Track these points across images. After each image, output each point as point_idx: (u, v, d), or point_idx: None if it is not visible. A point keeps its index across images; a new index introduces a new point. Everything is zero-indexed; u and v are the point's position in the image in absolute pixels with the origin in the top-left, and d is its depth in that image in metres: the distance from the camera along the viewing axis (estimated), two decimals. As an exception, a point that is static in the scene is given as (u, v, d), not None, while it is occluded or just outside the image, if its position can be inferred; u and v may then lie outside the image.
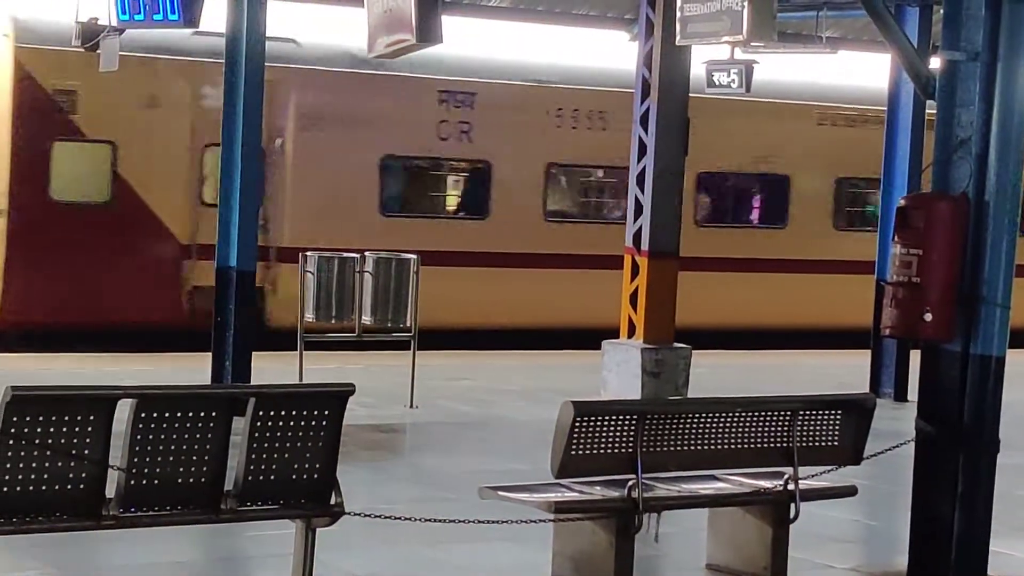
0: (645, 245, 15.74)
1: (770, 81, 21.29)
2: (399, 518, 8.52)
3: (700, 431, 8.79)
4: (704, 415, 8.84)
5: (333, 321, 15.31)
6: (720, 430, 8.86)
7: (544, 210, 22.64)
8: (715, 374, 17.64)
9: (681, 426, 8.72)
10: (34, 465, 6.91)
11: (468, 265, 21.80)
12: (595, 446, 8.40)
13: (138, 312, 20.02)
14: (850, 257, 23.01)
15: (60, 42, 17.16)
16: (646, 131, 15.79)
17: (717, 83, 18.87)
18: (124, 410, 7.11)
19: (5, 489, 6.88)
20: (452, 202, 22.92)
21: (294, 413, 7.51)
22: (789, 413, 9.03)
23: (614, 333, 15.95)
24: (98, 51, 15.07)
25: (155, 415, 7.17)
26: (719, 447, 8.88)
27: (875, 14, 12.61)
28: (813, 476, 9.23)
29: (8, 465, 6.87)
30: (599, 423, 8.40)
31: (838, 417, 9.21)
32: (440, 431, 14.58)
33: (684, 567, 9.57)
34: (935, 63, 9.41)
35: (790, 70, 22.66)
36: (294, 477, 7.54)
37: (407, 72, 20.47)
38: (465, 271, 21.62)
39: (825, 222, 24.70)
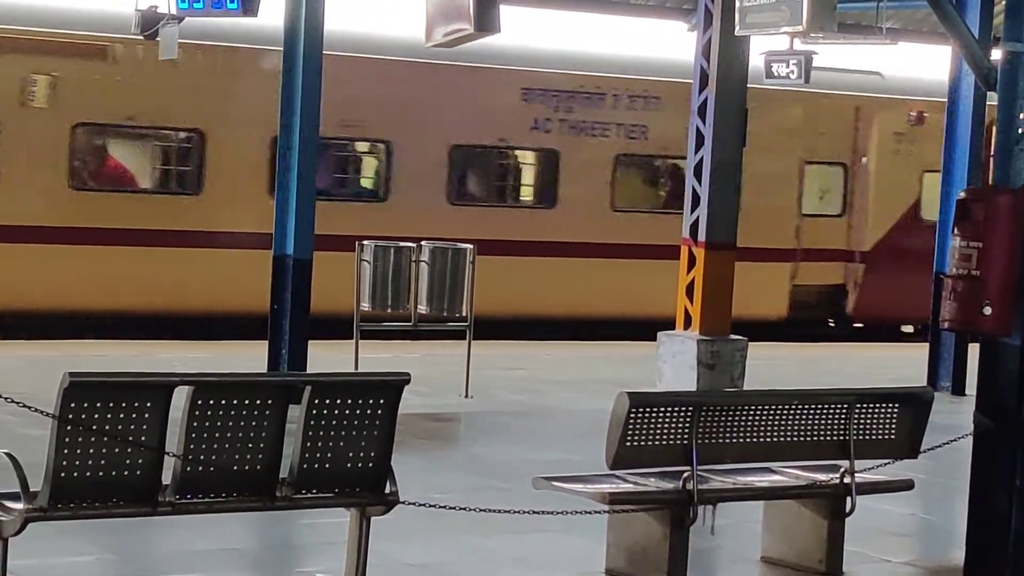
0: (702, 236, 15.70)
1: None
2: (453, 507, 8.53)
3: (756, 423, 8.76)
4: (760, 407, 8.81)
5: (389, 310, 15.34)
6: (776, 422, 8.83)
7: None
8: (771, 366, 17.58)
9: (737, 418, 8.69)
10: (91, 451, 6.94)
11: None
12: (650, 437, 8.38)
13: None
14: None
15: None
16: (704, 122, 15.75)
17: (776, 74, 18.80)
18: (180, 397, 7.14)
19: (63, 475, 6.92)
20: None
21: (349, 402, 7.52)
22: (846, 406, 9.00)
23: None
24: (157, 39, 15.14)
25: (211, 402, 7.19)
26: (775, 439, 8.85)
27: (936, 4, 12.53)
28: (870, 469, 9.19)
29: (66, 451, 6.91)
30: (655, 414, 8.38)
31: (895, 410, 9.17)
32: (495, 421, 14.59)
33: (739, 559, 9.55)
34: (996, 54, 9.33)
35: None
36: (349, 465, 7.56)
37: None
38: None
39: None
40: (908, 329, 25.28)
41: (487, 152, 22.27)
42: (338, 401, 7.50)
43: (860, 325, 24.95)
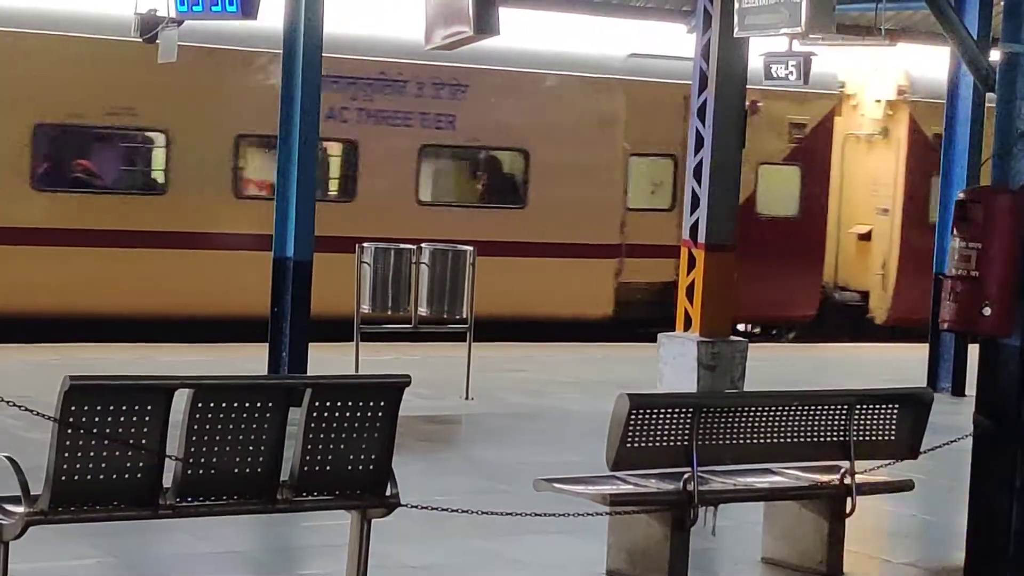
0: (702, 238, 15.71)
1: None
2: (454, 510, 8.54)
3: (756, 424, 8.77)
4: (760, 408, 8.82)
5: (389, 312, 15.35)
6: (776, 423, 8.83)
7: None
8: (772, 367, 17.59)
9: (737, 419, 8.70)
10: (92, 454, 6.95)
11: None
12: (651, 439, 8.39)
13: None
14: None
15: None
16: (703, 123, 15.76)
17: (775, 75, 18.80)
18: (181, 400, 7.15)
19: (63, 478, 6.93)
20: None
21: (350, 404, 7.53)
22: (846, 407, 9.00)
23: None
24: (157, 42, 15.13)
25: (212, 405, 7.20)
26: (775, 440, 8.86)
27: (935, 6, 12.56)
28: (870, 470, 9.20)
29: (67, 454, 6.91)
30: (655, 416, 8.39)
31: (895, 411, 9.18)
32: (495, 423, 14.59)
33: (739, 560, 9.55)
34: (995, 55, 9.34)
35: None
36: (350, 468, 7.56)
37: None
38: None
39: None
40: (746, 329, 24.04)
41: (275, 142, 21.19)
42: (339, 403, 7.50)
43: None
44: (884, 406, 9.16)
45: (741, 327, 23.94)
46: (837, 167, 24.77)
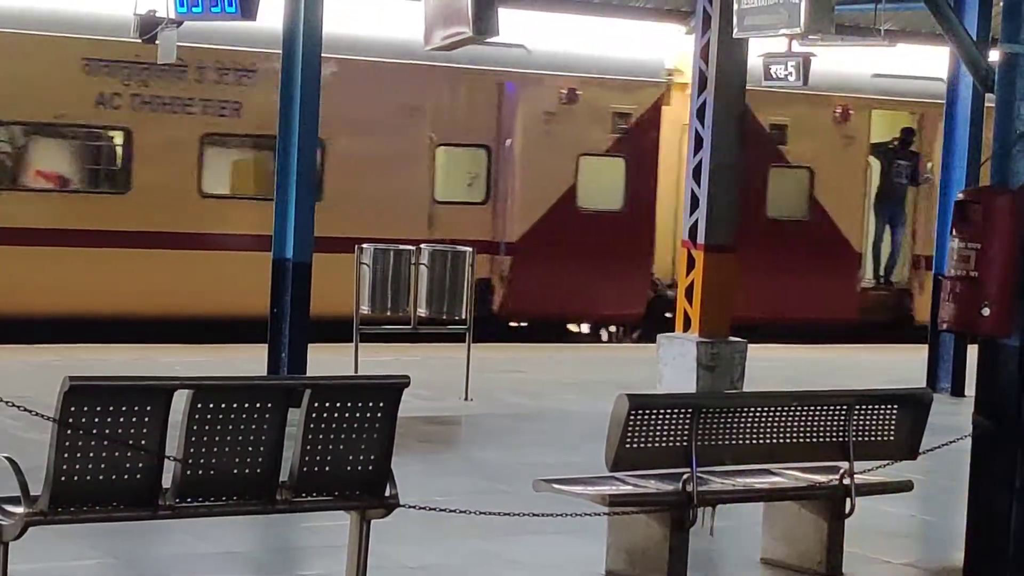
0: (701, 239, 15.71)
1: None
2: (453, 510, 8.54)
3: (756, 425, 8.77)
4: (760, 409, 8.82)
5: (388, 313, 15.34)
6: (776, 424, 8.84)
7: None
8: (771, 368, 17.59)
9: (736, 420, 8.70)
10: (91, 455, 6.95)
11: None
12: (650, 439, 8.39)
13: None
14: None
15: None
16: (703, 124, 15.76)
17: (774, 75, 18.82)
18: (180, 401, 7.15)
19: (63, 479, 6.93)
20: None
21: (349, 405, 7.53)
22: (845, 407, 9.01)
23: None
24: (156, 43, 15.14)
25: (211, 406, 7.20)
26: (775, 441, 8.87)
27: (934, 6, 12.54)
28: (869, 471, 9.20)
29: (66, 455, 6.91)
30: (654, 416, 8.39)
31: (894, 412, 9.18)
32: (495, 423, 14.59)
33: (739, 561, 9.56)
34: (994, 56, 9.34)
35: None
36: (349, 469, 7.56)
37: None
38: None
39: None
40: (576, 329, 23.40)
41: (41, 130, 19.53)
42: (338, 404, 7.51)
43: (516, 324, 22.38)
44: (883, 406, 9.16)
45: (577, 328, 23.35)
46: (676, 158, 22.66)
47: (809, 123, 23.43)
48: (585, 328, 23.40)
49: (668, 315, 22.78)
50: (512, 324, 22.34)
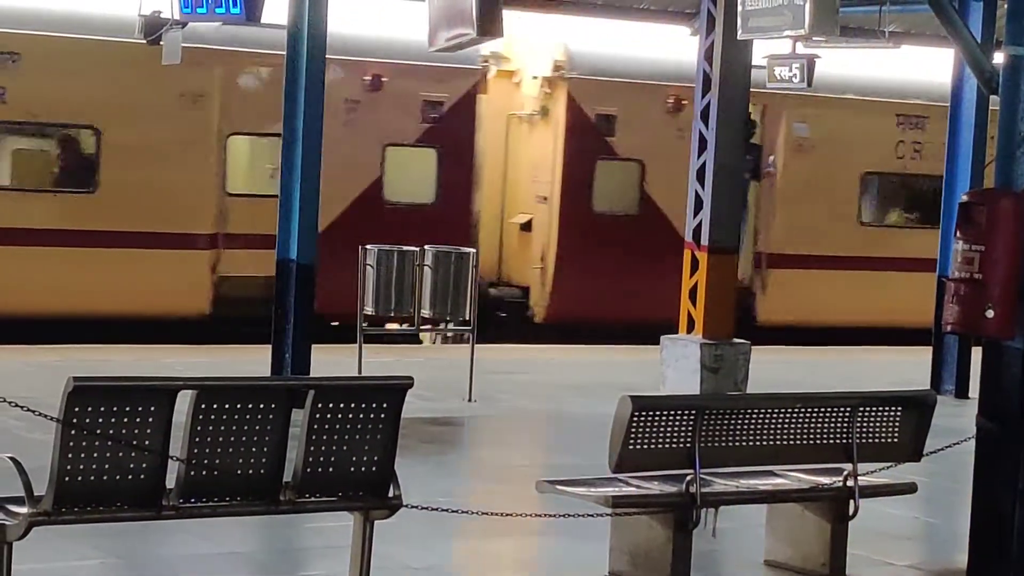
0: (705, 240, 15.70)
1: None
2: (457, 511, 8.54)
3: (759, 426, 8.77)
4: (763, 410, 8.81)
5: (392, 314, 15.34)
6: (779, 426, 8.83)
7: None
8: (775, 370, 17.58)
9: (740, 421, 8.70)
10: (95, 456, 6.96)
11: None
12: (653, 441, 8.39)
13: None
14: None
15: None
16: (706, 126, 15.75)
17: (779, 77, 18.80)
18: (184, 401, 7.15)
19: (67, 479, 6.93)
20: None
21: (353, 406, 7.53)
22: (849, 409, 9.00)
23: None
24: (161, 44, 15.16)
25: (215, 407, 7.21)
26: (778, 443, 8.86)
27: (939, 8, 12.55)
28: (873, 472, 9.19)
29: (70, 456, 6.92)
30: (657, 418, 8.39)
31: (898, 413, 9.18)
32: (498, 425, 14.60)
33: (742, 563, 9.55)
34: (999, 58, 9.34)
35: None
36: (352, 469, 7.57)
37: None
38: None
39: None
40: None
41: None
42: (341, 405, 7.51)
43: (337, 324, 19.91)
44: (887, 408, 9.15)
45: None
46: (500, 150, 22.51)
47: (640, 114, 22.34)
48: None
49: (503, 314, 22.09)
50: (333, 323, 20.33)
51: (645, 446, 8.38)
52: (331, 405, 7.48)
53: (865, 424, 9.06)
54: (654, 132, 22.40)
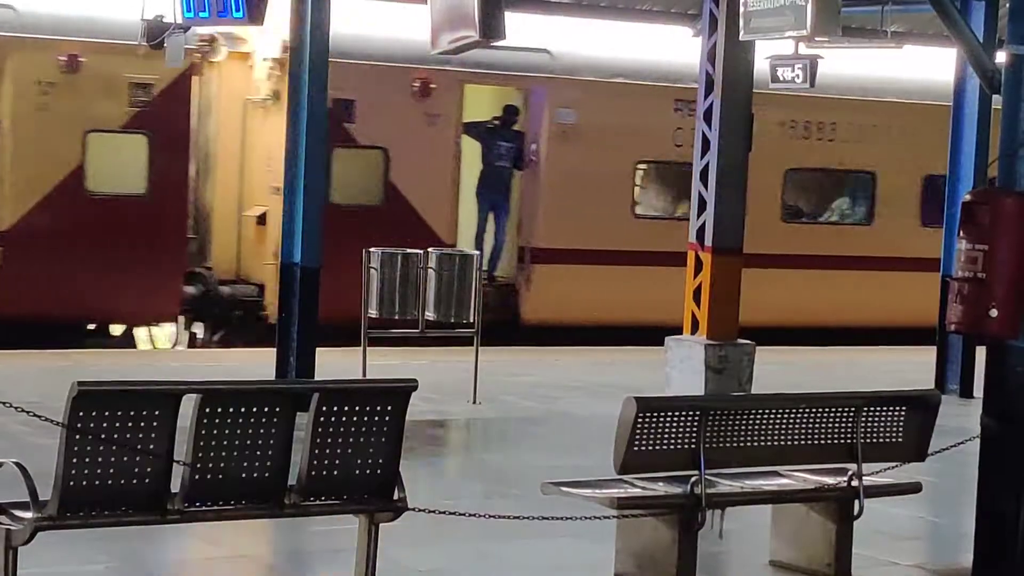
0: (709, 241, 15.69)
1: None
2: (462, 514, 8.54)
3: (764, 427, 8.77)
4: (768, 411, 8.82)
5: (397, 316, 15.34)
6: (784, 426, 8.84)
7: None
8: (779, 370, 17.57)
9: (744, 422, 8.70)
10: (100, 460, 6.97)
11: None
12: (658, 442, 8.40)
13: None
14: None
15: None
16: (709, 127, 15.74)
17: (781, 78, 18.79)
18: (189, 405, 7.16)
19: (72, 484, 6.94)
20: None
21: (357, 408, 7.54)
22: (853, 409, 9.00)
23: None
24: (164, 47, 15.19)
25: (219, 410, 7.22)
26: (783, 443, 8.86)
27: (941, 8, 12.56)
28: (877, 472, 9.20)
29: (75, 460, 6.93)
30: (662, 419, 8.40)
31: (902, 413, 9.18)
32: (503, 427, 14.60)
33: (747, 563, 9.56)
34: (1001, 57, 9.34)
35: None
36: (357, 472, 7.58)
37: None
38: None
39: None
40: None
41: None
42: (346, 408, 7.52)
43: None
44: (891, 408, 9.15)
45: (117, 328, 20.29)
46: (236, 137, 20.71)
47: (381, 99, 20.49)
48: (117, 330, 20.24)
49: (238, 313, 20.32)
50: None
51: (650, 447, 8.38)
52: (335, 408, 7.49)
53: (869, 424, 9.06)
54: (399, 118, 20.67)
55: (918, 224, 23.61)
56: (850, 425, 8.97)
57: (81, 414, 6.89)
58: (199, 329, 20.78)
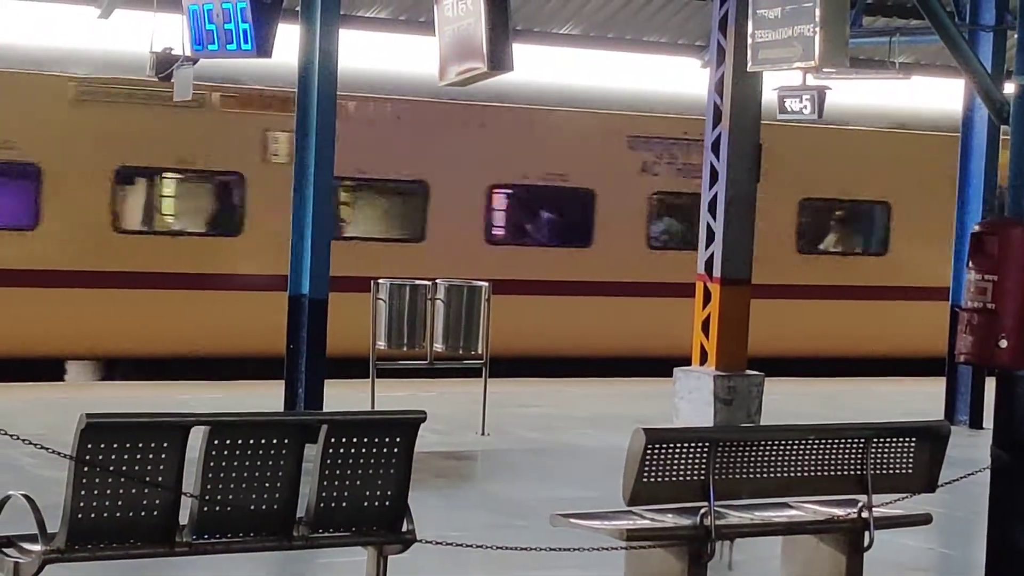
0: (717, 272, 15.71)
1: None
2: (471, 545, 8.51)
3: (773, 458, 8.74)
4: (777, 442, 8.79)
5: (405, 348, 15.33)
6: (793, 457, 8.81)
7: None
8: (788, 401, 17.55)
9: (754, 453, 8.68)
10: (108, 492, 6.96)
11: None
12: (667, 473, 8.37)
13: None
14: None
15: None
16: (717, 158, 15.77)
17: (789, 109, 18.80)
18: (197, 437, 7.15)
19: (80, 516, 6.93)
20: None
21: (366, 440, 7.53)
22: (863, 440, 8.98)
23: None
24: (172, 80, 15.21)
25: (228, 442, 7.21)
26: (792, 474, 8.83)
27: (949, 39, 12.57)
28: (887, 504, 9.17)
29: (83, 492, 6.92)
30: (671, 450, 8.37)
31: (912, 444, 9.15)
32: (511, 458, 14.57)
33: (757, 595, 9.52)
34: (1009, 88, 9.35)
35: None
36: (366, 504, 7.56)
37: None
38: None
39: None
40: None
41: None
42: (355, 440, 7.51)
43: None
44: (901, 439, 9.13)
45: None
46: None
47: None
48: None
49: None
50: None
51: (659, 479, 8.36)
52: (344, 440, 7.48)
53: (879, 455, 9.03)
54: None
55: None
56: (860, 456, 8.95)
57: (90, 446, 6.89)
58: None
